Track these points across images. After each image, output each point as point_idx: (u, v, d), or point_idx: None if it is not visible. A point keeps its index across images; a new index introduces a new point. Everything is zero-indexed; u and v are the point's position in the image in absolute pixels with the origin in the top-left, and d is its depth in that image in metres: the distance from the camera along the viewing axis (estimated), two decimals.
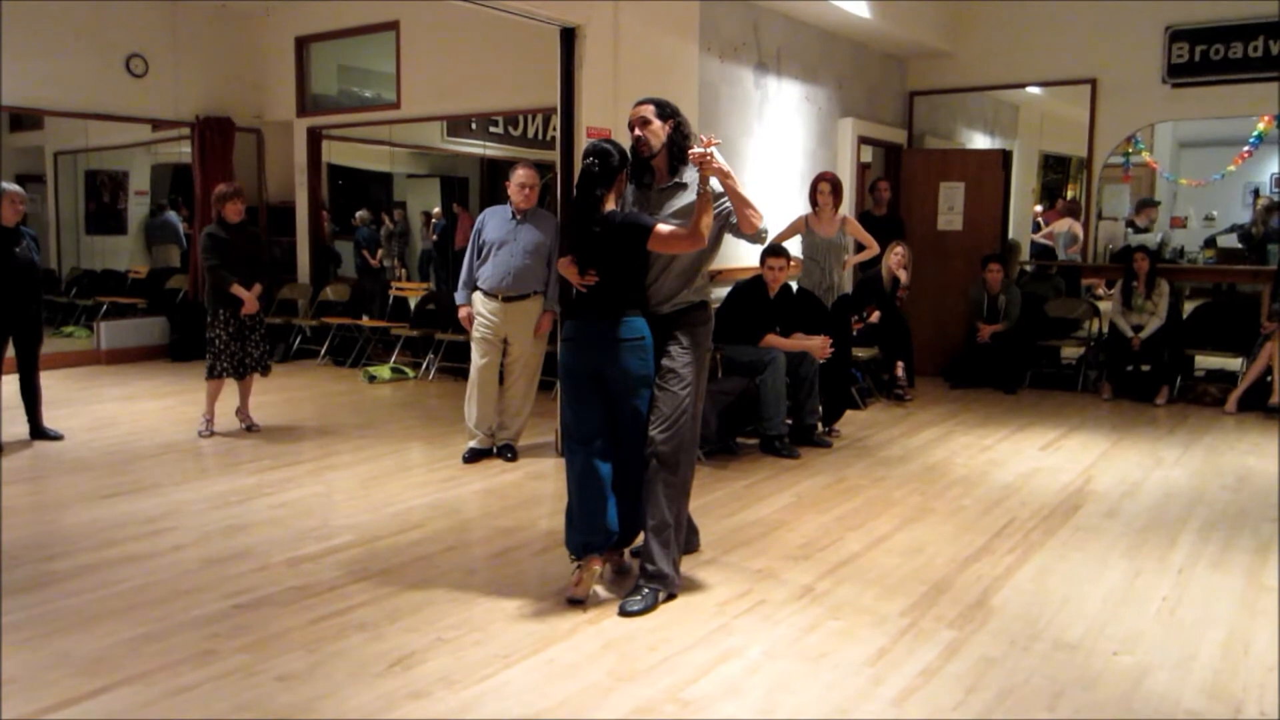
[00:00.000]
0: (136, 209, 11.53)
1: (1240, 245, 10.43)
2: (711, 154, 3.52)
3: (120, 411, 7.29)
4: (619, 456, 3.82)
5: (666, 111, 3.80)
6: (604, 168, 3.73)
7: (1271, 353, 7.55)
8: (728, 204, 3.73)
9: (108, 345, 9.53)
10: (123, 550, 4.26)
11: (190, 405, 7.22)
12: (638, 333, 3.73)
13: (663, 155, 3.81)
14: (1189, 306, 8.83)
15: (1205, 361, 8.55)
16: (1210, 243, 10.56)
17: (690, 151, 3.61)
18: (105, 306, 10.37)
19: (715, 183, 3.66)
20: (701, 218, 3.59)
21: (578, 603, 3.70)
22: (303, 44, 10.14)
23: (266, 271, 6.68)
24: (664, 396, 3.75)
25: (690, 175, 3.77)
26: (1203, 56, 8.51)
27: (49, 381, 6.61)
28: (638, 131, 3.80)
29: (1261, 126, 10.15)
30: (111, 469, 5.63)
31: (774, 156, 7.99)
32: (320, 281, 10.29)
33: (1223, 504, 5.23)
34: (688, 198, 3.76)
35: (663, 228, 3.67)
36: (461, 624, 3.53)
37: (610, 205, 3.76)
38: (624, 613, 3.63)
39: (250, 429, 6.58)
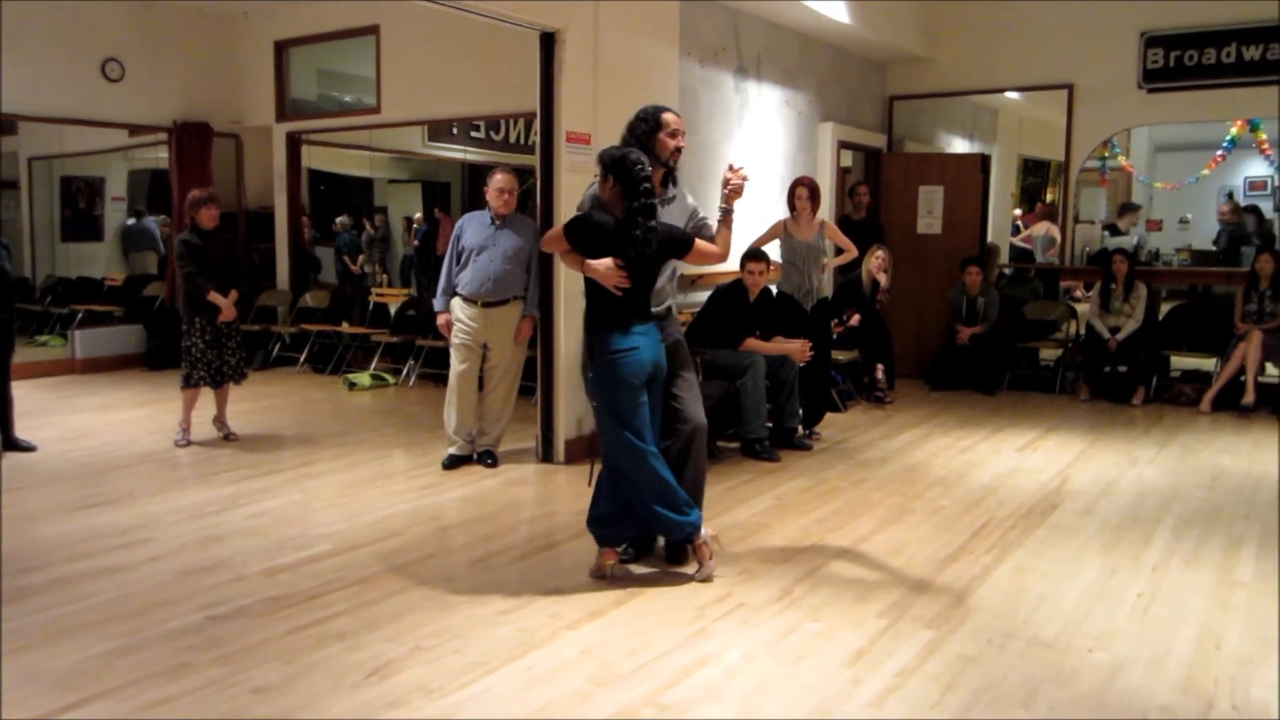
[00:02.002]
0: (113, 215, 11.44)
1: (1214, 247, 10.54)
2: (741, 183, 4.02)
3: (95, 421, 7.23)
4: (660, 441, 4.12)
5: None
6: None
7: (1244, 353, 7.62)
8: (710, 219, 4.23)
9: (83, 354, 9.43)
10: (96, 563, 4.23)
11: (167, 414, 7.15)
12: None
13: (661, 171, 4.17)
14: (1165, 308, 8.91)
15: (1180, 362, 8.62)
16: (1217, 243, 10.67)
17: (731, 182, 4.01)
18: (81, 315, 10.29)
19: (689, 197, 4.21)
20: (729, 237, 4.08)
21: (709, 579, 4.00)
22: (282, 48, 10.09)
23: (243, 278, 6.63)
24: (687, 381, 4.24)
25: (674, 190, 4.24)
26: (1177, 62, 8.60)
27: (22, 391, 6.55)
28: (681, 142, 4.15)
29: (1234, 131, 10.27)
30: (86, 480, 5.58)
31: (754, 160, 8.00)
32: (300, 288, 10.24)
33: (1197, 502, 5.27)
34: (675, 211, 4.19)
35: (700, 243, 4.07)
36: (441, 632, 3.52)
37: None
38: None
39: (228, 438, 6.53)
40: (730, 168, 4.01)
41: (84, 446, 6.38)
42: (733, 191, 4.00)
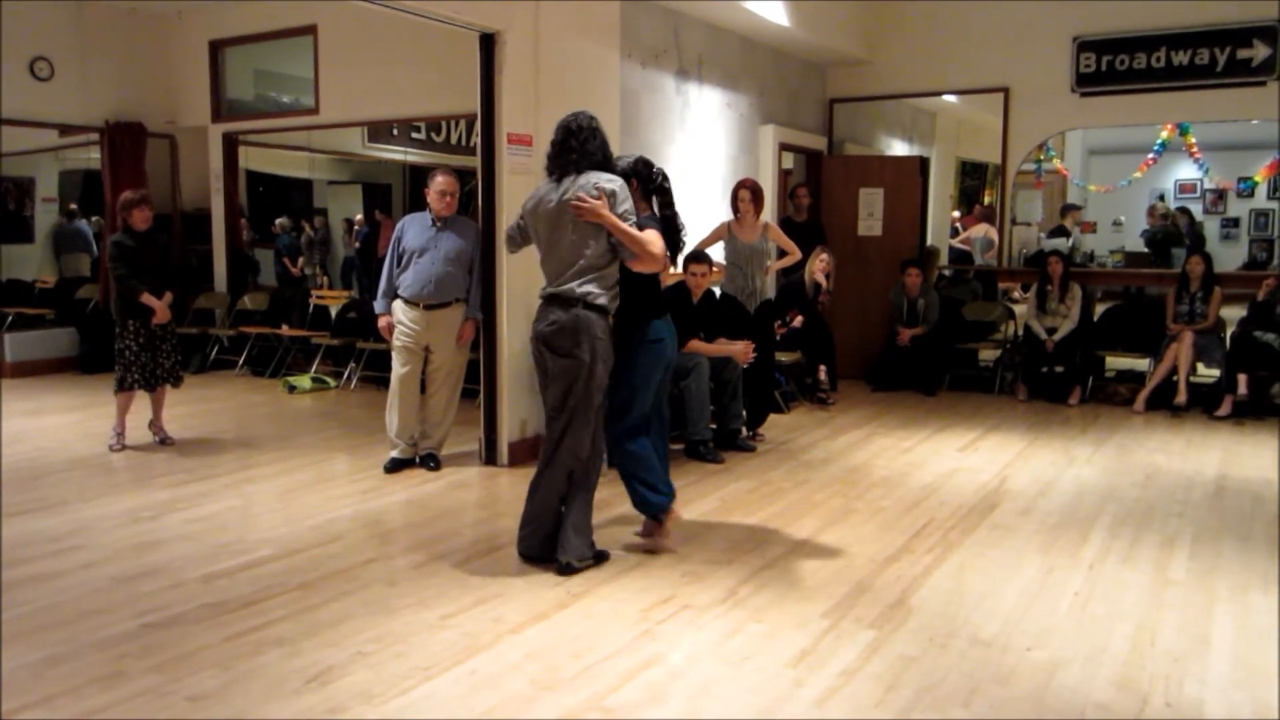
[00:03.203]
0: (44, 217, 11.15)
1: (1147, 249, 10.81)
2: None
3: (26, 426, 7.02)
4: (655, 430, 4.51)
5: None
6: None
7: (1176, 353, 7.82)
8: None
9: (13, 358, 9.17)
10: (27, 570, 4.11)
11: (101, 419, 6.98)
12: None
13: None
14: (1099, 309, 9.11)
15: (1115, 362, 8.82)
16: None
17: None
18: (11, 318, 10.01)
19: None
20: None
21: (654, 552, 4.35)
22: (217, 47, 9.91)
23: (177, 279, 6.49)
24: None
25: None
26: (1109, 66, 8.80)
27: None
28: None
29: (1165, 135, 10.55)
30: (16, 486, 5.41)
31: (696, 163, 8.04)
32: (238, 290, 10.06)
33: (1131, 500, 5.39)
34: None
35: None
36: (382, 637, 3.48)
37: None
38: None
39: (164, 442, 6.39)
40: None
41: (15, 452, 6.19)
42: None
